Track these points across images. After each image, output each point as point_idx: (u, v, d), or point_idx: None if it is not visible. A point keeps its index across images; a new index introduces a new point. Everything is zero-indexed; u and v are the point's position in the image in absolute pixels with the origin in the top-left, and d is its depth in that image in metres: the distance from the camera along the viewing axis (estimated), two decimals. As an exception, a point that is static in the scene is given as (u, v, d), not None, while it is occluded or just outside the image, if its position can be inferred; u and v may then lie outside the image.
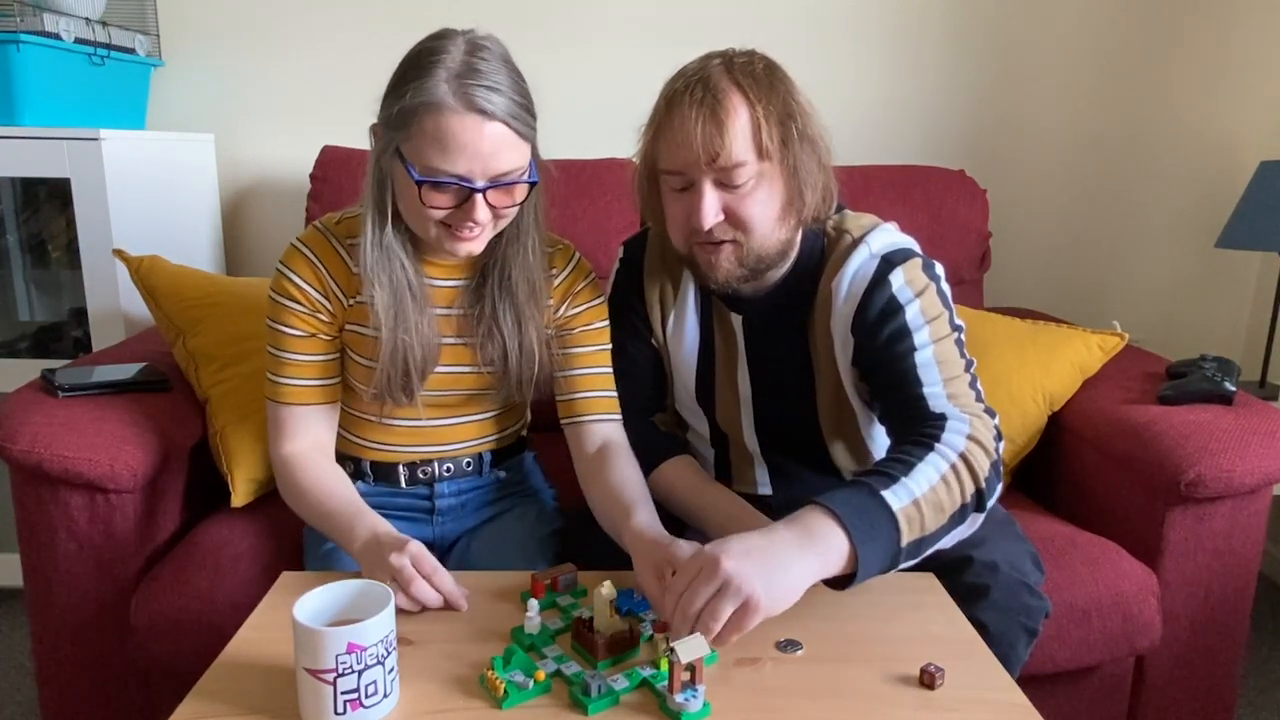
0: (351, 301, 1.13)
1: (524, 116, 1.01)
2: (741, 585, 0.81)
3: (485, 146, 0.98)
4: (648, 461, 1.23)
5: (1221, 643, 1.40)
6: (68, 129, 1.68)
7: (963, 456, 0.97)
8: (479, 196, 1.00)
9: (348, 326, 1.15)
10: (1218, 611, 1.39)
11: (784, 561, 0.85)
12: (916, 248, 1.13)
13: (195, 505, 1.43)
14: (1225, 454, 1.29)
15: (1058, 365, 1.56)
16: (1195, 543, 1.35)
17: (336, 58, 2.05)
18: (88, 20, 1.80)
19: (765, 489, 1.28)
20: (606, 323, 1.23)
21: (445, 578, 0.96)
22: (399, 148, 1.01)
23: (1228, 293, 2.25)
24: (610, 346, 1.23)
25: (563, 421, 1.21)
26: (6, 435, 1.24)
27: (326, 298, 1.13)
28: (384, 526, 1.03)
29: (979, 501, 0.98)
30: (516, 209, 1.07)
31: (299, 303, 1.12)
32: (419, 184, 0.99)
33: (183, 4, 2.01)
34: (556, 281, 1.19)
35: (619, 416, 1.21)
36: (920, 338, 1.06)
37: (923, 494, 0.93)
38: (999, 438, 1.03)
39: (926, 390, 1.05)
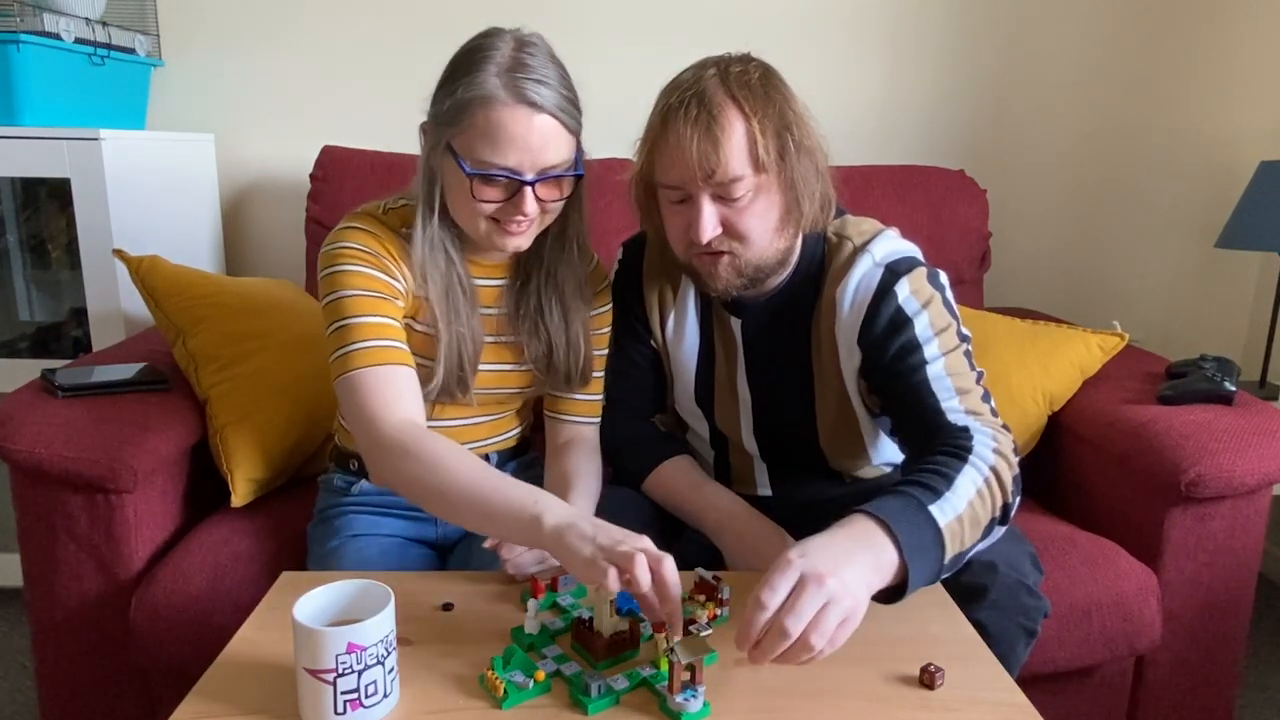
0: (415, 291, 1.10)
1: (571, 110, 1.03)
2: (845, 599, 0.79)
3: (535, 139, 1.00)
4: (647, 461, 1.24)
5: (1221, 643, 1.40)
6: (68, 129, 1.67)
7: (993, 470, 0.97)
8: (528, 189, 1.02)
9: (404, 320, 1.11)
10: (1218, 611, 1.39)
11: (860, 572, 0.82)
12: (920, 255, 1.13)
13: (195, 505, 1.43)
14: (1225, 454, 1.29)
15: (1058, 365, 1.56)
16: (1195, 543, 1.35)
17: (336, 58, 2.05)
18: (88, 20, 1.80)
19: (765, 490, 1.28)
20: (609, 328, 1.25)
21: (673, 566, 0.83)
22: (450, 143, 1.02)
23: (1228, 293, 2.25)
24: (607, 351, 1.25)
25: (545, 411, 1.26)
26: (6, 435, 1.24)
27: (400, 272, 1.08)
28: (586, 513, 0.94)
29: (1005, 515, 0.98)
30: (562, 203, 1.09)
31: (372, 266, 1.06)
32: (470, 177, 1.00)
33: (183, 4, 2.01)
34: None
35: (598, 420, 1.25)
36: (930, 351, 1.06)
37: (964, 509, 0.93)
38: (1016, 452, 1.03)
39: (944, 404, 1.04)
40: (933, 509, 0.90)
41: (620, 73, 2.06)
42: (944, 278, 1.12)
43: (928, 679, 0.83)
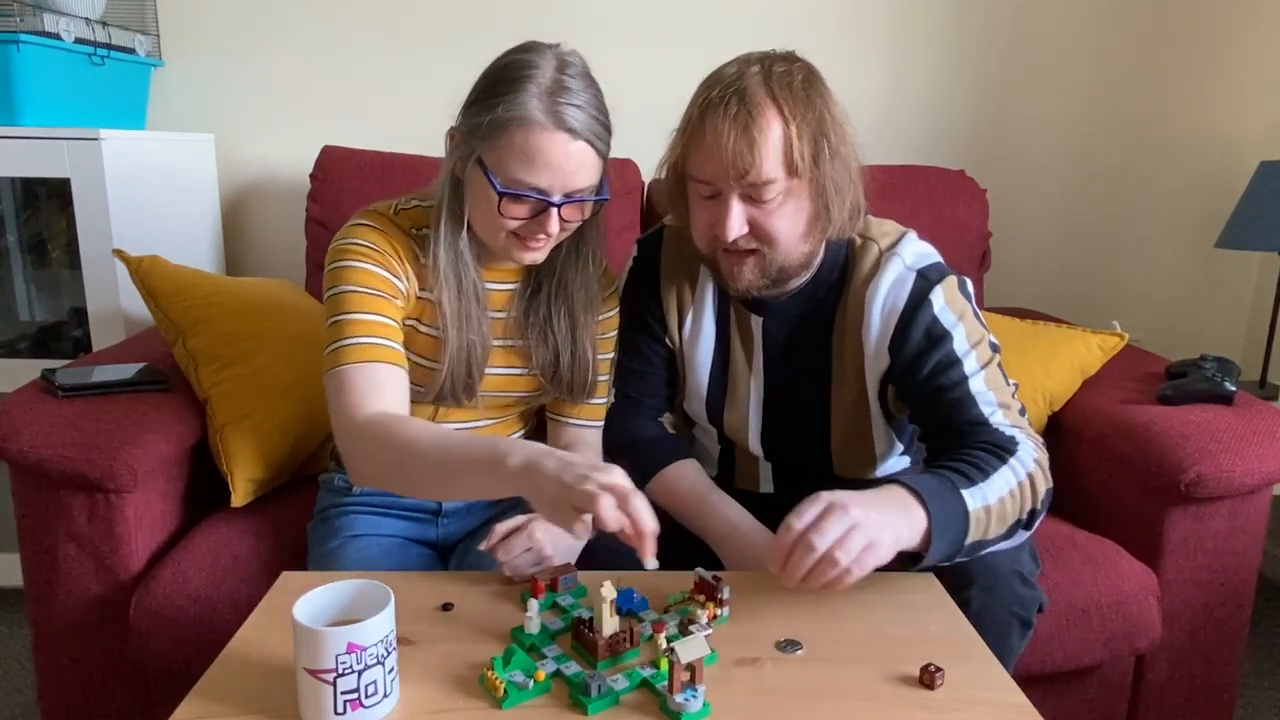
0: (419, 294, 1.11)
1: (604, 135, 1.04)
2: (869, 527, 0.85)
3: (569, 164, 1.00)
4: (653, 464, 1.23)
5: (1221, 643, 1.40)
6: (68, 129, 1.67)
7: (1030, 476, 1.00)
8: (554, 210, 1.02)
9: (408, 322, 1.12)
10: (1218, 611, 1.39)
11: (890, 522, 0.88)
12: (942, 258, 1.14)
13: (195, 505, 1.43)
14: (1225, 454, 1.29)
15: (1058, 365, 1.56)
16: (1195, 543, 1.35)
17: (336, 58, 2.05)
18: (88, 20, 1.80)
19: (768, 487, 1.28)
20: (616, 332, 1.25)
21: (643, 502, 0.80)
22: (481, 157, 1.02)
23: (1228, 293, 2.25)
24: (611, 355, 1.24)
25: (548, 413, 1.26)
26: (7, 435, 1.24)
27: (405, 274, 1.09)
28: (554, 449, 0.86)
29: (1030, 520, 1.00)
30: (581, 222, 1.09)
31: (377, 264, 1.06)
32: (500, 195, 1.00)
33: (183, 4, 2.01)
34: None
35: (601, 424, 1.25)
36: (970, 365, 1.07)
37: (994, 502, 0.96)
38: (1050, 467, 1.05)
39: (988, 415, 1.06)
40: (965, 492, 0.94)
41: (619, 74, 2.06)
42: (970, 285, 1.13)
43: (928, 679, 0.83)
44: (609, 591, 0.87)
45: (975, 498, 0.95)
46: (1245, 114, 2.15)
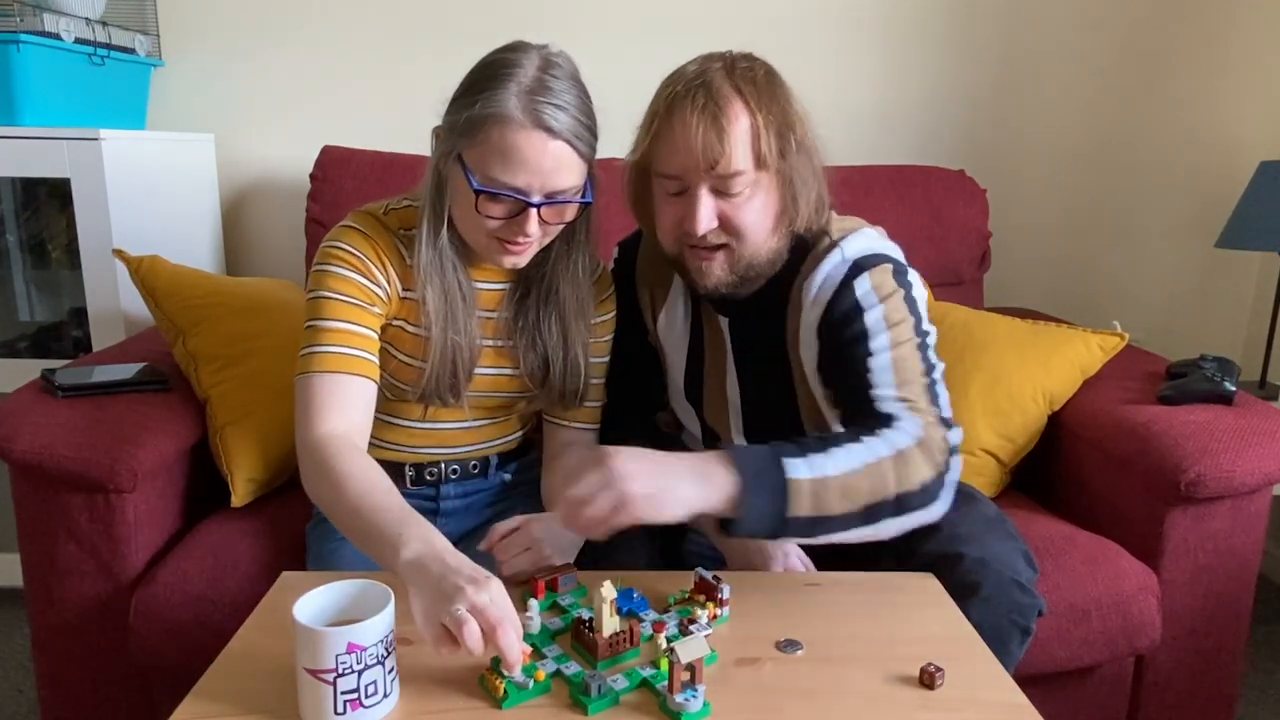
0: (404, 294, 1.11)
1: (587, 137, 1.03)
2: (622, 484, 0.86)
3: (547, 163, 0.99)
4: None
5: (1221, 643, 1.40)
6: (68, 129, 1.67)
7: (900, 455, 0.96)
8: (533, 211, 1.01)
9: (394, 322, 1.12)
10: (1218, 611, 1.39)
11: (672, 478, 0.89)
12: (895, 254, 1.12)
13: (195, 505, 1.43)
14: (1225, 454, 1.29)
15: (1058, 365, 1.56)
16: (1195, 543, 1.35)
17: (336, 58, 2.05)
18: (88, 20, 1.80)
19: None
20: (611, 336, 1.24)
21: (509, 634, 0.78)
22: (461, 154, 1.01)
23: (1228, 293, 2.25)
24: (608, 358, 1.24)
25: (544, 415, 1.26)
26: (6, 435, 1.24)
27: (385, 278, 1.09)
28: (449, 546, 0.86)
29: (900, 507, 0.96)
30: (563, 225, 1.08)
31: (357, 271, 1.07)
32: (477, 193, 1.00)
33: (183, 4, 2.01)
34: None
35: (597, 427, 1.25)
36: (878, 342, 1.05)
37: (832, 475, 0.92)
38: (953, 452, 1.00)
39: (878, 392, 1.03)
40: (787, 461, 0.92)
41: (617, 73, 2.06)
42: (913, 276, 1.11)
43: (928, 679, 0.83)
44: (609, 591, 0.87)
45: (802, 469, 0.91)
46: (1245, 114, 2.15)
